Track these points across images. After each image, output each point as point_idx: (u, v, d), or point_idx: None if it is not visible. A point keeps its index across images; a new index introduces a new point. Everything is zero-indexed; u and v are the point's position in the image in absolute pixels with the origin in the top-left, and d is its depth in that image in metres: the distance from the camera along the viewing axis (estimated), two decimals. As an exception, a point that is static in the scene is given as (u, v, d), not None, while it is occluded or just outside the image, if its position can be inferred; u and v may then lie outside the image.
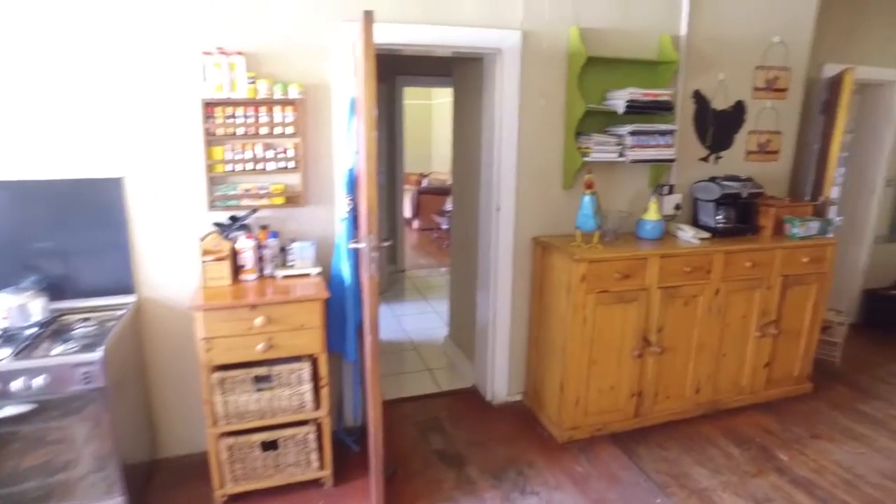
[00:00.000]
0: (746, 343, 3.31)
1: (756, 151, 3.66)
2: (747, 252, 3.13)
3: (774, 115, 3.66)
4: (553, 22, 3.00)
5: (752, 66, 3.52)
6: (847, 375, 3.95)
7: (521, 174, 3.12)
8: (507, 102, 3.02)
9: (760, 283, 3.23)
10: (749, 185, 3.34)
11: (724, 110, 3.50)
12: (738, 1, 3.37)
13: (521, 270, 3.27)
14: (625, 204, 3.37)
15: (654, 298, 2.98)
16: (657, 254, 2.93)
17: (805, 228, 3.31)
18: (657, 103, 3.06)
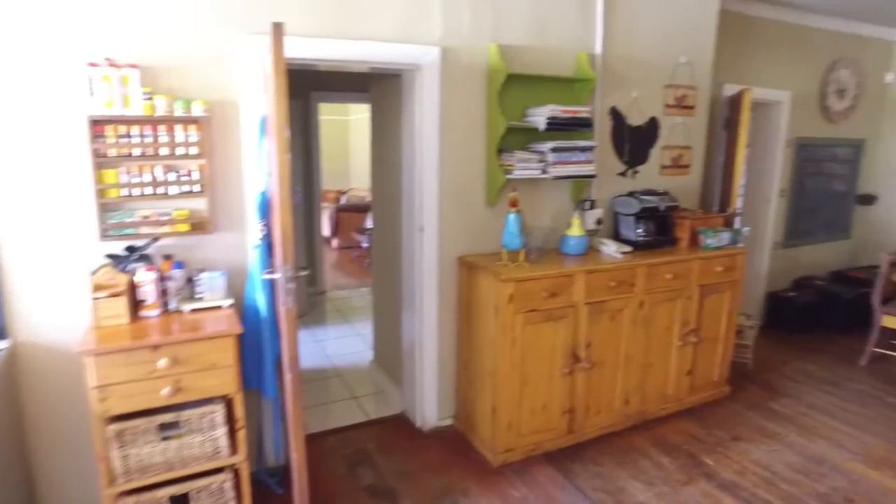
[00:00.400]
0: (670, 352, 3.38)
1: (670, 166, 3.78)
2: (668, 264, 3.21)
3: (685, 131, 3.81)
4: (472, 38, 2.96)
5: (662, 85, 3.65)
6: (759, 376, 4.15)
7: (444, 193, 3.04)
8: (427, 119, 2.94)
9: (681, 293, 3.31)
10: (666, 198, 3.43)
11: (640, 126, 3.60)
12: (647, 23, 3.49)
13: (447, 291, 3.18)
14: (548, 220, 3.37)
15: (582, 315, 2.98)
16: (583, 270, 2.93)
17: (718, 239, 3.44)
18: (577, 120, 3.08)
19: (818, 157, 5.23)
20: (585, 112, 3.11)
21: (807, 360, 4.49)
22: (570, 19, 3.21)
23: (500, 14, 3.00)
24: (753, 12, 4.41)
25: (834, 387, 4.02)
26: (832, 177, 5.41)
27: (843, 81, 5.16)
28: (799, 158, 5.09)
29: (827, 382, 4.08)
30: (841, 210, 5.60)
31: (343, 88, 5.57)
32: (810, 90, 5.01)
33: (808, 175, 5.21)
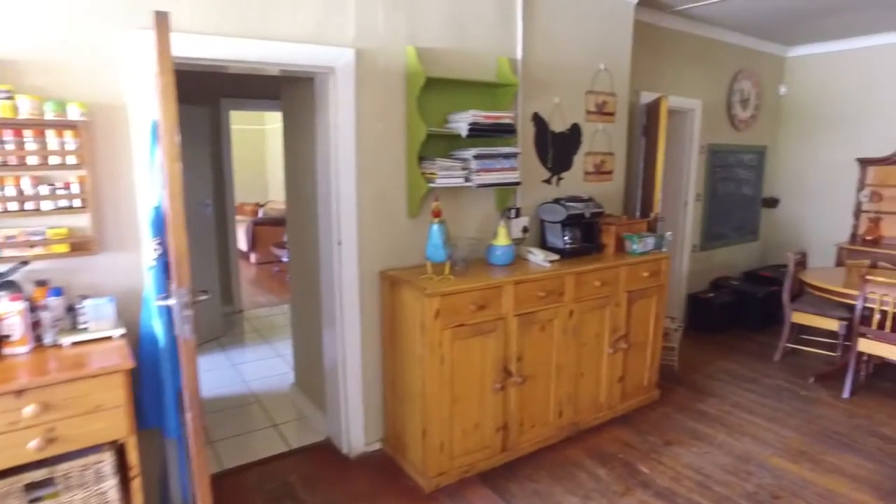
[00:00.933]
0: (601, 360, 3.34)
1: (593, 172, 3.78)
2: (596, 272, 3.17)
3: (606, 138, 3.82)
4: (388, 40, 2.81)
5: (583, 91, 3.64)
6: (686, 377, 4.22)
7: (363, 204, 2.86)
8: (342, 126, 2.75)
9: (609, 300, 3.29)
10: (591, 205, 3.41)
11: (563, 133, 3.57)
12: (566, 29, 3.47)
13: (369, 307, 2.99)
14: (474, 230, 3.26)
15: (512, 327, 2.87)
16: (511, 281, 2.82)
17: (643, 244, 3.45)
18: (499, 126, 2.99)
19: (728, 162, 5.46)
20: (508, 118, 3.03)
21: (728, 358, 4.62)
22: (490, 23, 3.13)
23: (416, 15, 2.87)
24: (665, 24, 4.54)
25: (753, 384, 4.14)
26: (741, 181, 5.66)
27: (745, 92, 5.43)
28: (711, 164, 5.28)
29: (747, 380, 4.20)
30: (749, 213, 5.87)
31: (256, 95, 5.27)
32: (718, 99, 5.22)
33: (719, 180, 5.42)
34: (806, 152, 5.79)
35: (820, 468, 3.08)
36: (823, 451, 3.26)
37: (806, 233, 5.84)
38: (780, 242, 6.06)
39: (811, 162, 5.75)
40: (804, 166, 5.81)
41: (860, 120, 5.38)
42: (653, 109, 4.03)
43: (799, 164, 5.85)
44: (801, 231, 5.88)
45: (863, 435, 3.45)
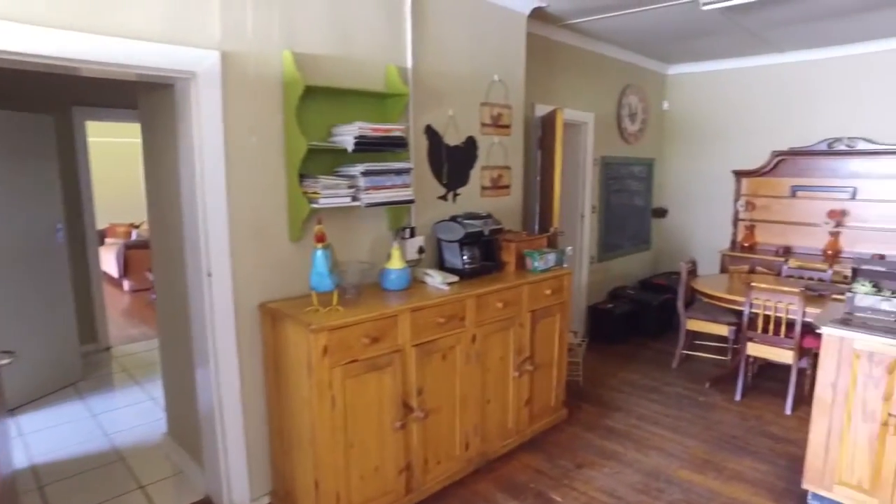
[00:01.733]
0: (507, 385, 3.17)
1: (490, 187, 3.64)
2: (498, 292, 3.00)
3: (502, 151, 3.70)
4: (260, 43, 2.48)
5: (478, 102, 3.49)
6: (591, 392, 4.17)
7: (236, 229, 2.50)
8: (208, 141, 2.38)
9: (513, 321, 3.13)
10: (490, 221, 3.25)
11: (457, 146, 3.40)
12: (459, 37, 3.31)
13: (249, 344, 2.62)
14: (365, 253, 2.98)
15: (410, 358, 2.62)
16: (407, 308, 2.58)
17: (545, 261, 3.33)
18: (389, 139, 2.75)
19: (620, 174, 5.58)
20: (399, 130, 2.79)
21: (629, 369, 4.65)
22: (377, 28, 2.89)
23: (292, 17, 2.57)
24: (557, 37, 4.53)
25: (656, 393, 4.16)
26: (632, 193, 5.82)
27: (633, 106, 5.59)
28: (605, 176, 5.37)
29: (649, 390, 4.23)
30: (641, 223, 6.05)
31: (118, 104, 4.68)
32: (609, 113, 5.33)
33: (613, 192, 5.52)
34: (689, 164, 6.07)
35: (723, 476, 3.09)
36: (725, 457, 3.29)
37: (693, 240, 6.11)
38: (670, 250, 6.30)
39: (694, 173, 6.04)
40: (688, 178, 6.09)
41: (734, 135, 5.71)
42: (548, 122, 3.98)
43: (683, 176, 6.13)
44: (689, 239, 6.15)
45: (755, 436, 3.54)
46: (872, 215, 5.00)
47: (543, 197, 4.06)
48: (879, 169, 4.97)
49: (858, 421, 2.60)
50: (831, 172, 5.18)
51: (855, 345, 2.56)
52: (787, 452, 3.36)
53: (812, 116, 5.25)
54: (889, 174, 4.92)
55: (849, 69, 5.04)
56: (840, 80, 5.10)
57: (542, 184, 4.10)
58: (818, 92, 5.21)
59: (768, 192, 5.51)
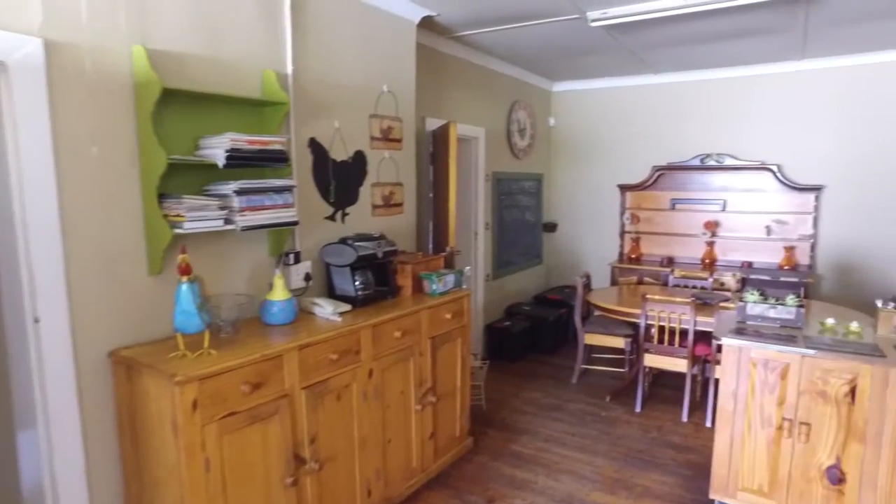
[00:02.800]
0: (409, 420, 2.90)
1: (382, 205, 3.38)
2: (395, 321, 2.74)
3: (394, 166, 3.46)
4: (101, 34, 2.06)
5: (366, 115, 3.24)
6: (495, 416, 4.00)
7: (76, 261, 2.03)
8: (28, 150, 1.91)
9: (412, 350, 2.88)
10: (383, 243, 2.98)
11: (345, 161, 3.11)
12: (344, 43, 3.04)
13: (96, 402, 2.14)
14: (243, 283, 2.60)
15: (300, 403, 2.27)
16: (294, 346, 2.24)
17: (443, 283, 3.12)
18: (268, 153, 2.41)
19: (511, 190, 5.56)
20: (279, 143, 2.46)
21: (530, 387, 4.55)
22: (252, 28, 2.55)
23: (144, 5, 2.17)
24: (447, 49, 4.40)
25: (559, 411, 4.09)
26: (524, 208, 5.82)
27: (522, 121, 5.61)
28: (497, 192, 5.31)
29: (552, 408, 4.15)
30: (533, 238, 6.08)
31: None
32: (499, 128, 5.29)
33: (505, 207, 5.48)
34: (576, 179, 6.21)
35: (634, 494, 3.03)
36: (633, 474, 3.24)
37: (583, 254, 6.24)
38: (561, 264, 6.38)
39: (581, 188, 6.18)
40: (576, 192, 6.22)
41: (618, 150, 5.92)
42: (441, 136, 3.81)
43: (571, 190, 6.25)
44: (579, 253, 6.27)
45: (659, 448, 3.54)
46: (740, 225, 5.36)
47: (438, 214, 3.87)
48: (743, 183, 5.34)
49: (757, 427, 2.63)
50: (704, 186, 5.51)
51: (752, 353, 2.59)
52: (690, 462, 3.38)
53: (686, 133, 5.57)
54: (750, 188, 5.30)
55: (715, 91, 5.41)
56: (708, 100, 5.45)
57: (436, 201, 3.92)
58: (690, 111, 5.54)
59: (651, 205, 5.74)
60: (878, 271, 4.90)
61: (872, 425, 2.35)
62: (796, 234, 5.10)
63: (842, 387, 2.40)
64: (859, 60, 4.81)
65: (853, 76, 4.85)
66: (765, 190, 5.23)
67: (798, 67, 5.04)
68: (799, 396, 2.50)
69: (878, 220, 4.86)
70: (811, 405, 2.48)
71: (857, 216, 4.95)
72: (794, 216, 5.11)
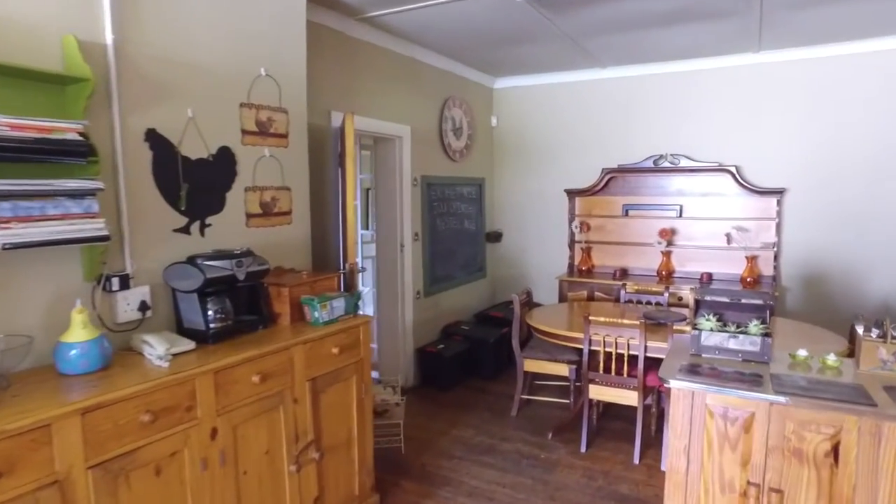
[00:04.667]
0: (281, 485, 2.27)
1: (260, 214, 2.76)
2: (252, 362, 2.11)
3: (277, 167, 2.85)
4: None
5: (236, 102, 2.62)
6: (414, 461, 3.38)
7: None
8: None
9: (282, 397, 2.25)
10: (249, 260, 2.36)
11: (204, 160, 2.48)
12: (200, 14, 2.43)
13: None
14: (37, 319, 1.94)
15: (80, 486, 1.63)
16: (74, 410, 1.59)
17: (328, 310, 2.51)
18: (52, 144, 1.77)
19: (446, 196, 4.99)
20: (72, 130, 1.83)
21: (463, 422, 3.95)
22: (42, -19, 1.92)
23: None
24: (358, 35, 3.83)
25: (492, 454, 3.49)
26: (462, 216, 5.25)
27: (457, 120, 5.05)
28: (428, 198, 4.73)
29: (484, 450, 3.55)
30: (474, 249, 5.50)
31: None
32: (429, 127, 4.72)
33: (439, 216, 4.90)
34: (522, 184, 5.67)
35: (567, 569, 2.44)
36: (569, 538, 2.66)
37: (530, 266, 5.69)
38: (506, 277, 5.82)
39: (527, 194, 5.64)
40: (521, 198, 5.68)
41: (565, 152, 5.40)
42: (342, 132, 3.21)
43: (516, 196, 5.71)
44: (526, 264, 5.71)
45: (604, 501, 2.98)
46: (698, 233, 4.89)
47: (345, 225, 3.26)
48: (700, 186, 4.88)
49: (716, 493, 2.07)
50: (659, 190, 5.02)
51: (707, 400, 2.03)
52: (638, 519, 2.82)
53: (638, 133, 5.08)
54: (708, 192, 4.84)
55: (668, 86, 4.94)
56: (660, 96, 4.98)
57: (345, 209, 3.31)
58: (641, 108, 5.06)
59: (602, 212, 5.23)
60: (846, 282, 4.46)
61: (862, 494, 1.82)
62: (759, 242, 4.63)
63: (821, 443, 1.85)
64: (820, 52, 4.39)
65: (814, 70, 4.43)
66: (724, 194, 4.77)
67: (755, 60, 4.60)
68: (768, 455, 1.95)
69: (845, 226, 4.43)
70: (783, 467, 1.93)
71: (822, 221, 4.51)
72: (755, 222, 4.65)
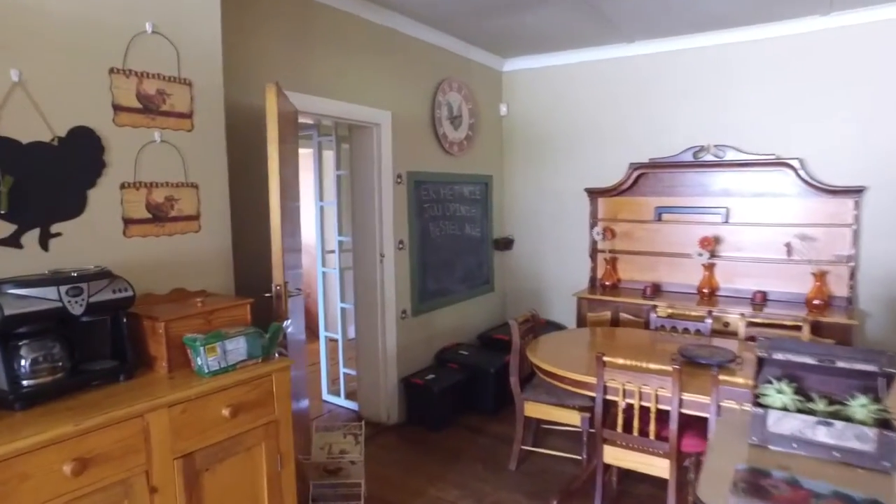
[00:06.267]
0: None
1: (148, 219, 2.04)
2: (59, 444, 1.39)
3: (176, 157, 2.13)
4: None
5: (102, 67, 1.91)
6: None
7: None
8: None
9: (127, 489, 1.53)
10: (101, 284, 1.65)
11: (45, 144, 1.78)
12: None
13: None
14: None
15: None
16: None
17: (219, 354, 1.78)
18: None
19: (441, 196, 4.21)
20: None
21: (447, 478, 3.16)
22: None
23: None
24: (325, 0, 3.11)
25: (476, 528, 2.70)
26: (463, 220, 4.46)
27: (454, 107, 4.27)
28: (417, 199, 3.96)
29: (468, 521, 2.76)
30: (479, 258, 4.70)
31: None
32: (418, 114, 3.95)
33: (432, 220, 4.12)
34: (535, 182, 4.84)
35: None
36: None
37: (546, 278, 4.86)
38: (519, 291, 5.00)
39: (542, 193, 4.81)
40: (536, 199, 4.86)
41: (587, 144, 4.56)
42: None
43: (530, 197, 4.89)
44: (541, 276, 4.88)
45: None
46: (748, 242, 3.97)
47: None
48: (751, 185, 3.96)
49: None
50: (700, 189, 4.13)
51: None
52: None
53: (673, 120, 4.20)
54: (761, 191, 3.92)
55: (711, 62, 4.04)
56: (701, 75, 4.09)
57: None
58: (677, 90, 4.18)
59: (630, 216, 4.37)
60: (944, 305, 3.50)
61: None
62: (829, 255, 3.70)
63: None
64: (911, 13, 3.44)
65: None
66: (783, 194, 3.85)
67: (824, 25, 3.67)
68: None
69: (943, 234, 3.47)
70: None
71: (911, 228, 3.56)
72: (824, 229, 3.71)
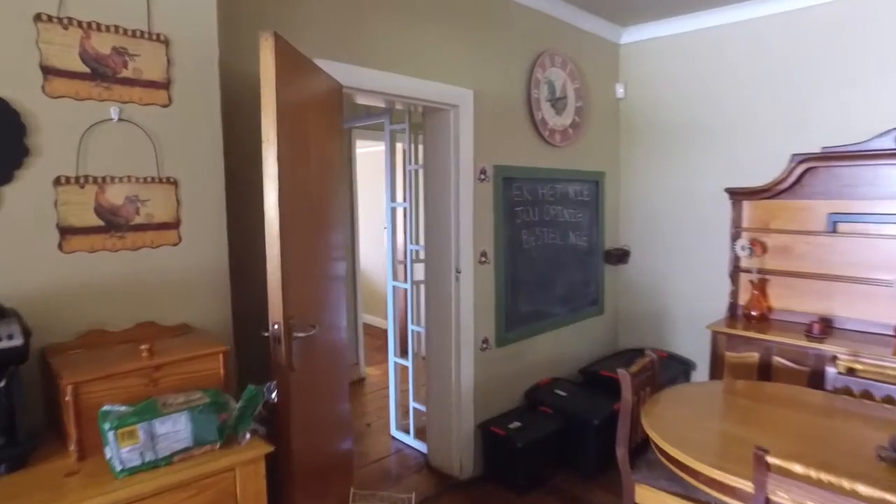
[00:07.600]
0: None
1: (98, 227, 1.49)
2: None
3: (145, 143, 1.56)
4: None
5: (23, 13, 1.38)
6: None
7: None
8: None
9: None
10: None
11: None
12: None
13: None
14: None
15: None
16: None
17: (141, 444, 1.16)
18: None
19: (539, 197, 3.40)
20: None
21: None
22: None
23: None
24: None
25: None
26: (566, 227, 3.62)
27: (557, 86, 3.44)
28: (507, 200, 3.19)
29: None
30: (585, 274, 3.82)
31: None
32: (510, 94, 3.17)
33: (525, 226, 3.33)
34: (659, 180, 3.87)
35: None
36: None
37: (670, 300, 3.87)
38: (633, 314, 4.06)
39: (668, 195, 3.83)
40: (659, 202, 3.88)
41: (727, 131, 3.53)
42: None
43: (652, 199, 3.91)
44: (664, 297, 3.90)
45: None
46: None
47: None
48: None
49: None
50: (892, 191, 2.97)
51: None
52: None
53: (856, 95, 3.07)
54: None
55: (922, 11, 2.88)
56: (891, 32, 2.93)
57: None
58: (860, 53, 3.03)
59: (789, 225, 3.28)
60: None
61: None
62: None
63: None
64: None
65: None
66: None
67: None
68: None
69: None
70: None
71: None
72: None
